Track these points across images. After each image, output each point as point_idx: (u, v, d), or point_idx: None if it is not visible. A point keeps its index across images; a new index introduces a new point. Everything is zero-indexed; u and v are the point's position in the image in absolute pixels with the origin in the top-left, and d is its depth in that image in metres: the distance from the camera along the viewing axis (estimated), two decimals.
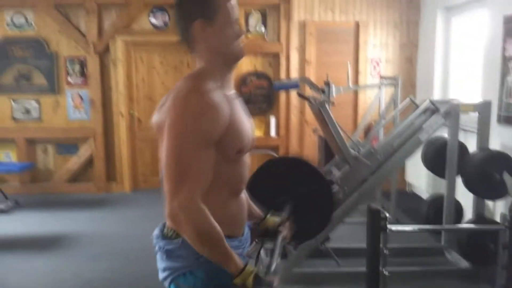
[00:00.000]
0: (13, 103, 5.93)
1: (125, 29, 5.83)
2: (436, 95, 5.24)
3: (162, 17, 5.94)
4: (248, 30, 5.96)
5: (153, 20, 5.95)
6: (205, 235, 1.26)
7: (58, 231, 4.52)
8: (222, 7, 1.38)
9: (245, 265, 1.28)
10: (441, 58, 5.28)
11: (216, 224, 1.27)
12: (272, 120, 6.03)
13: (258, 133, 6.08)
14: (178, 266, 1.36)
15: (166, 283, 1.40)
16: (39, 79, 5.89)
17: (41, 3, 5.70)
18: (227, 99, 1.37)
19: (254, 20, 5.96)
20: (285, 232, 1.60)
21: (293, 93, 5.76)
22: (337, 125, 3.40)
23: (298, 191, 1.82)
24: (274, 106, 6.05)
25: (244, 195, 1.53)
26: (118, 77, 5.84)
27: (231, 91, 1.47)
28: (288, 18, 5.82)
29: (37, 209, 5.27)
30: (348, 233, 3.82)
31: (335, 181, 3.45)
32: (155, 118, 1.44)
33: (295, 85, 4.76)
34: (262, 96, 6.05)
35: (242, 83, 6.01)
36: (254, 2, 5.87)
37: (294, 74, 5.84)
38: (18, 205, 5.29)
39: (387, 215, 2.16)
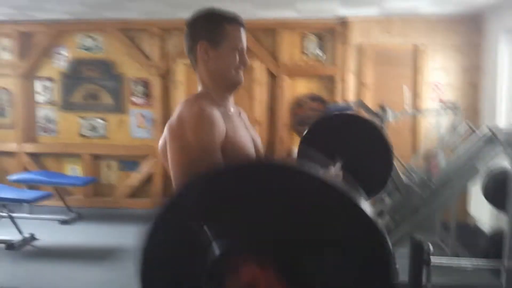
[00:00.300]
0: (81, 120, 6.33)
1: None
2: (501, 122, 4.97)
3: None
4: (304, 53, 6.01)
5: None
6: None
7: (115, 244, 4.71)
8: (230, 35, 1.45)
9: None
10: (506, 83, 5.01)
11: None
12: None
13: None
14: None
15: None
16: (106, 99, 6.26)
17: (110, 27, 6.08)
18: (224, 115, 1.41)
19: (310, 43, 6.00)
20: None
21: None
22: None
23: (351, 144, 1.87)
24: None
25: None
26: (179, 98, 6.06)
27: (231, 109, 1.52)
28: (345, 41, 5.79)
29: (98, 222, 5.55)
30: (400, 266, 3.66)
31: (385, 211, 3.36)
32: (160, 143, 1.49)
33: (349, 109, 4.71)
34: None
35: (297, 105, 6.04)
36: (311, 25, 5.92)
37: (351, 97, 5.78)
38: (80, 217, 5.60)
39: (431, 247, 2.07)
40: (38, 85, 6.37)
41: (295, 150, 1.93)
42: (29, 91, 6.38)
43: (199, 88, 1.52)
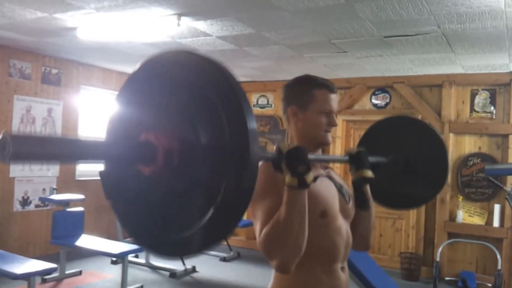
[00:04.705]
0: None
1: (347, 109, 6.30)
2: None
3: (384, 98, 6.19)
4: (473, 110, 5.63)
5: (375, 101, 6.25)
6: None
7: (262, 285, 5.04)
8: (317, 99, 1.57)
9: None
10: None
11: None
12: (496, 208, 5.36)
13: (479, 221, 5.48)
14: None
15: None
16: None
17: (279, 87, 6.72)
18: None
19: (481, 99, 5.60)
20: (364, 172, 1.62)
21: None
22: None
23: (409, 147, 1.92)
24: (500, 193, 5.38)
25: (344, 274, 1.54)
26: (336, 152, 6.27)
27: (315, 165, 1.58)
28: None
29: (252, 263, 5.98)
30: None
31: None
32: None
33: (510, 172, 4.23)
34: (486, 180, 5.47)
35: (463, 165, 5.62)
36: (483, 81, 5.55)
37: None
38: (239, 256, 6.13)
39: None
40: None
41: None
42: None
43: None
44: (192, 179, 1.08)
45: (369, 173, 1.61)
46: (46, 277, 4.72)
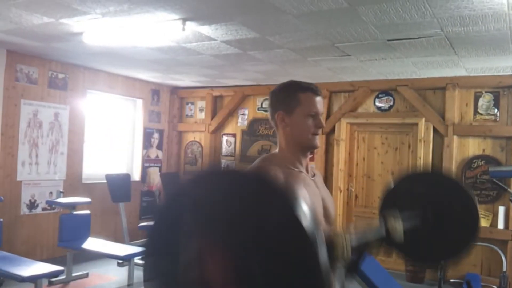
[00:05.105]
0: None
1: (351, 112, 6.33)
2: None
3: (387, 101, 6.21)
4: (477, 112, 5.64)
5: (378, 104, 6.27)
6: None
7: None
8: (302, 102, 1.60)
9: None
10: None
11: None
12: (501, 210, 5.36)
13: (483, 223, 5.47)
14: None
15: None
16: None
17: None
18: (289, 173, 1.54)
19: (485, 101, 5.60)
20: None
21: None
22: None
23: (436, 202, 1.83)
24: (505, 195, 5.38)
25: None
26: (340, 155, 6.30)
27: (303, 169, 1.63)
28: None
29: None
30: None
31: None
32: None
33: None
34: (490, 182, 5.48)
35: (467, 167, 5.62)
36: (486, 83, 5.56)
37: None
38: None
39: None
40: (223, 140, 7.40)
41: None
42: (216, 145, 7.46)
43: (277, 149, 1.69)
44: None
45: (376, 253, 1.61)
46: (53, 279, 4.76)
